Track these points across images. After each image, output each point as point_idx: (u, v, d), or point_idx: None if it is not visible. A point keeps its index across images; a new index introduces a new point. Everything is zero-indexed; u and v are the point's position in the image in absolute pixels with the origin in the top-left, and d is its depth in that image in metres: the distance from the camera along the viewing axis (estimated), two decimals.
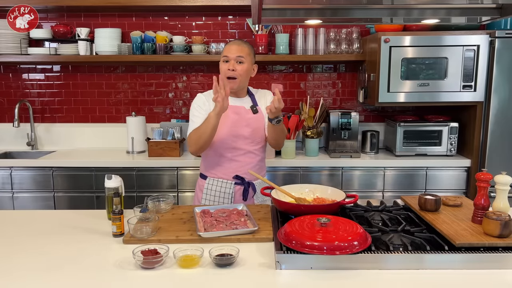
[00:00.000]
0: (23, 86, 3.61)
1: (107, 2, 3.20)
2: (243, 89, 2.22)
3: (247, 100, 2.23)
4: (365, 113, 3.63)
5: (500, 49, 2.93)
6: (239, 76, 2.12)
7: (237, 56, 2.10)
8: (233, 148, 2.16)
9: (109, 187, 1.84)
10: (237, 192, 2.19)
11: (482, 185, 1.59)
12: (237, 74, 2.11)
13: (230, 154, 2.16)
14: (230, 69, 2.10)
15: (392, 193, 3.12)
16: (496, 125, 2.99)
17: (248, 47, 2.16)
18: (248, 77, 2.19)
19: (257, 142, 2.20)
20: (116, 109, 3.63)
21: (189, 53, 3.38)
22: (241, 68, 2.11)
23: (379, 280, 1.33)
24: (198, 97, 2.23)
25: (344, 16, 1.86)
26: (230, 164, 2.17)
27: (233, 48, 2.11)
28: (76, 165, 3.09)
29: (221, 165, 2.18)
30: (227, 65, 2.11)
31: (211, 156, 2.20)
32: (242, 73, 2.12)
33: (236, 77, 2.11)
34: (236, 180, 2.18)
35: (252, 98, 2.25)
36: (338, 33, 3.33)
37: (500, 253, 1.40)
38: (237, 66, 2.10)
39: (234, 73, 2.11)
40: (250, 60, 2.15)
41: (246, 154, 2.18)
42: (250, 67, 2.17)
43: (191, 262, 1.40)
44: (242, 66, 2.11)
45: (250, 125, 2.17)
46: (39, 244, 1.62)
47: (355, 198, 1.85)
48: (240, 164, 2.17)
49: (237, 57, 2.10)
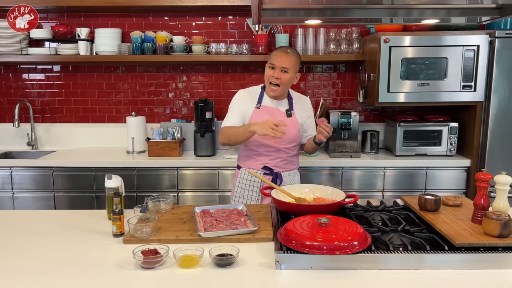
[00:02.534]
0: (23, 86, 3.61)
1: (107, 2, 3.20)
2: (284, 93, 2.34)
3: (284, 102, 2.35)
4: (365, 113, 3.63)
5: (500, 49, 2.93)
6: (282, 84, 2.23)
7: (283, 66, 2.20)
8: (263, 145, 2.30)
9: (109, 187, 1.84)
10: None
11: (482, 185, 1.59)
12: (280, 82, 2.22)
13: (261, 150, 2.31)
14: (274, 76, 2.21)
15: (392, 193, 3.12)
16: (496, 125, 2.99)
17: (295, 57, 2.25)
18: (290, 85, 2.31)
19: (287, 142, 2.31)
20: (116, 109, 3.63)
21: (189, 53, 3.38)
22: (284, 77, 2.22)
23: (379, 280, 1.33)
24: (238, 93, 2.39)
25: (344, 16, 1.87)
26: (261, 158, 2.32)
27: (281, 59, 2.21)
28: (76, 165, 3.09)
29: (253, 158, 2.34)
30: (272, 72, 2.23)
31: (245, 150, 2.37)
32: (285, 81, 2.23)
33: (279, 84, 2.23)
34: (265, 170, 2.31)
35: (290, 101, 2.36)
36: (338, 33, 3.33)
37: (500, 253, 1.40)
38: (281, 75, 2.21)
39: (277, 81, 2.22)
40: (294, 70, 2.26)
41: (276, 151, 2.31)
42: (294, 76, 2.27)
43: (191, 262, 1.40)
44: (286, 76, 2.22)
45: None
46: (39, 244, 1.62)
47: (355, 198, 1.85)
48: (270, 158, 2.32)
49: (282, 68, 2.21)
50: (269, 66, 2.24)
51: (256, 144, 2.29)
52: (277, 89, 2.25)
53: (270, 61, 2.24)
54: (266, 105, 2.31)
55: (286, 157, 2.34)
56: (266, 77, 2.26)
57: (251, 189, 2.34)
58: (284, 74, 2.21)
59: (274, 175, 2.30)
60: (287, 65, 2.20)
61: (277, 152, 2.31)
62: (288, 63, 2.20)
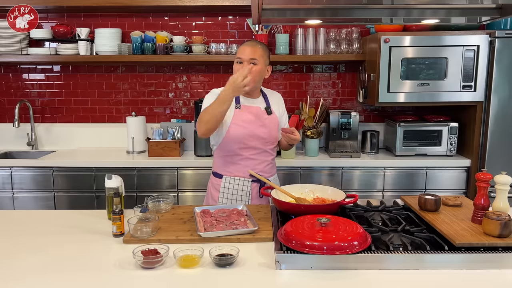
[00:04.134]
0: (23, 86, 3.61)
1: (107, 2, 3.20)
2: (256, 90, 2.24)
3: (261, 100, 2.26)
4: (365, 113, 3.63)
5: (500, 49, 2.93)
6: (252, 77, 2.09)
7: (251, 58, 2.10)
8: (249, 148, 2.18)
9: (109, 187, 1.84)
10: (254, 189, 2.21)
11: (482, 185, 1.59)
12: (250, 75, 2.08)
13: (246, 153, 2.18)
14: None
15: (392, 193, 3.12)
16: (496, 125, 2.99)
17: (262, 48, 2.16)
18: (261, 78, 2.21)
19: (271, 142, 2.24)
20: (116, 109, 3.63)
21: (189, 53, 3.38)
22: (254, 69, 2.11)
23: (379, 280, 1.33)
24: (213, 92, 2.23)
25: (344, 16, 1.87)
26: (246, 162, 2.19)
27: (247, 51, 2.12)
28: (76, 165, 3.09)
29: (237, 163, 2.20)
30: (240, 66, 2.12)
31: (226, 155, 2.21)
32: (255, 74, 2.11)
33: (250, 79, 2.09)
34: (252, 177, 2.19)
35: (266, 99, 2.28)
36: (338, 33, 3.33)
37: (500, 253, 1.40)
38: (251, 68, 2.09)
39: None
40: (263, 62, 2.16)
41: (262, 153, 2.22)
42: (264, 68, 2.17)
43: (191, 262, 1.40)
44: (255, 68, 2.11)
45: (265, 125, 2.20)
46: (39, 244, 1.62)
47: (355, 198, 1.85)
48: (256, 162, 2.20)
49: (250, 59, 2.11)
50: (237, 61, 2.13)
51: (241, 147, 2.16)
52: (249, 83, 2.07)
53: (237, 56, 2.13)
54: (246, 105, 2.19)
55: (271, 159, 2.27)
56: (235, 72, 2.11)
57: (238, 198, 2.19)
58: (254, 66, 2.10)
59: (263, 182, 2.16)
60: (255, 56, 2.10)
61: (263, 154, 2.21)
62: (255, 54, 2.10)
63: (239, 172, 2.20)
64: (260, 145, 2.20)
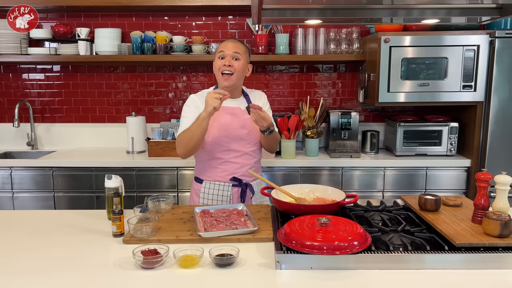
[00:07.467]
0: (23, 86, 3.61)
1: (107, 2, 3.20)
2: (237, 89, 2.18)
3: (242, 100, 2.19)
4: (365, 113, 3.63)
5: (500, 49, 2.92)
6: (235, 71, 2.07)
7: (234, 52, 2.07)
8: (228, 150, 2.12)
9: (109, 187, 1.84)
10: (234, 194, 2.16)
11: (482, 185, 1.59)
12: (233, 69, 2.06)
13: (226, 156, 2.12)
14: (226, 64, 2.05)
15: (392, 193, 3.12)
16: (496, 125, 2.99)
17: (243, 45, 2.15)
18: (243, 76, 2.16)
19: (253, 143, 2.17)
20: (116, 109, 3.63)
21: (189, 53, 3.38)
22: (237, 64, 2.07)
23: (379, 280, 1.33)
24: (190, 98, 2.18)
25: (344, 16, 1.86)
26: (226, 167, 2.13)
27: (229, 45, 2.09)
28: (76, 165, 3.09)
29: (217, 167, 2.14)
30: (222, 61, 2.06)
31: (206, 159, 2.16)
32: (238, 69, 2.07)
33: (232, 72, 2.06)
34: (233, 182, 2.14)
35: (247, 98, 2.21)
36: (338, 33, 3.33)
37: (500, 253, 1.40)
38: (233, 62, 2.06)
39: (230, 69, 2.06)
40: (245, 58, 2.12)
41: (243, 156, 2.15)
42: (246, 65, 2.14)
43: (191, 262, 1.40)
44: (238, 63, 2.07)
45: (246, 126, 2.14)
46: (39, 244, 1.62)
47: (355, 198, 1.85)
48: (237, 166, 2.14)
49: (233, 53, 2.07)
50: (219, 56, 2.07)
51: (221, 150, 2.11)
52: (231, 77, 2.06)
53: (218, 51, 2.08)
54: (224, 106, 2.08)
55: (253, 163, 2.18)
56: (216, 68, 2.08)
57: (219, 204, 2.11)
58: (236, 61, 2.06)
59: (244, 186, 2.13)
60: (238, 50, 2.06)
61: (244, 157, 2.14)
62: (238, 49, 2.07)
63: (218, 177, 2.14)
64: (241, 147, 2.13)
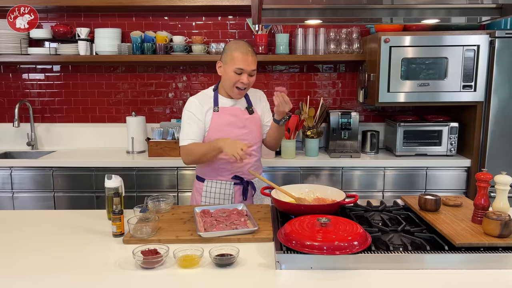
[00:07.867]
0: (23, 86, 3.61)
1: (107, 2, 3.20)
2: None
3: (242, 100, 2.21)
4: (365, 113, 3.63)
5: (500, 49, 2.92)
6: (249, 86, 2.11)
7: (252, 70, 2.07)
8: None
9: (109, 187, 1.84)
10: (236, 192, 2.18)
11: (482, 185, 1.59)
12: (248, 85, 2.10)
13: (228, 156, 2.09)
14: (244, 82, 2.06)
15: (392, 193, 3.12)
16: (496, 125, 2.99)
17: (255, 55, 2.12)
18: None
19: (254, 143, 2.18)
20: (116, 109, 3.63)
21: (189, 53, 3.38)
22: (252, 80, 2.10)
23: (379, 280, 1.33)
24: (190, 101, 2.17)
25: (344, 16, 1.86)
26: (227, 166, 2.15)
27: (250, 61, 2.05)
28: (76, 165, 3.09)
29: (219, 167, 2.16)
30: (239, 77, 2.05)
31: None
32: (251, 83, 2.12)
33: (246, 87, 2.11)
34: (235, 180, 2.17)
35: (247, 98, 2.23)
36: (338, 33, 3.33)
37: (500, 253, 1.40)
38: (249, 79, 2.08)
39: (246, 85, 2.08)
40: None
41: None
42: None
43: (191, 262, 1.40)
44: (253, 78, 2.10)
45: (246, 126, 2.16)
46: (39, 244, 1.62)
47: (355, 198, 1.85)
48: (238, 165, 2.14)
49: (252, 71, 2.07)
50: (236, 71, 2.03)
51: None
52: (243, 92, 2.12)
53: (237, 66, 2.03)
54: (224, 107, 2.14)
55: (254, 161, 2.20)
56: (232, 81, 2.06)
57: (221, 202, 2.16)
58: (252, 77, 2.08)
59: (245, 183, 2.16)
60: (255, 67, 2.08)
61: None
62: (255, 65, 2.07)
63: (220, 176, 2.17)
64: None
